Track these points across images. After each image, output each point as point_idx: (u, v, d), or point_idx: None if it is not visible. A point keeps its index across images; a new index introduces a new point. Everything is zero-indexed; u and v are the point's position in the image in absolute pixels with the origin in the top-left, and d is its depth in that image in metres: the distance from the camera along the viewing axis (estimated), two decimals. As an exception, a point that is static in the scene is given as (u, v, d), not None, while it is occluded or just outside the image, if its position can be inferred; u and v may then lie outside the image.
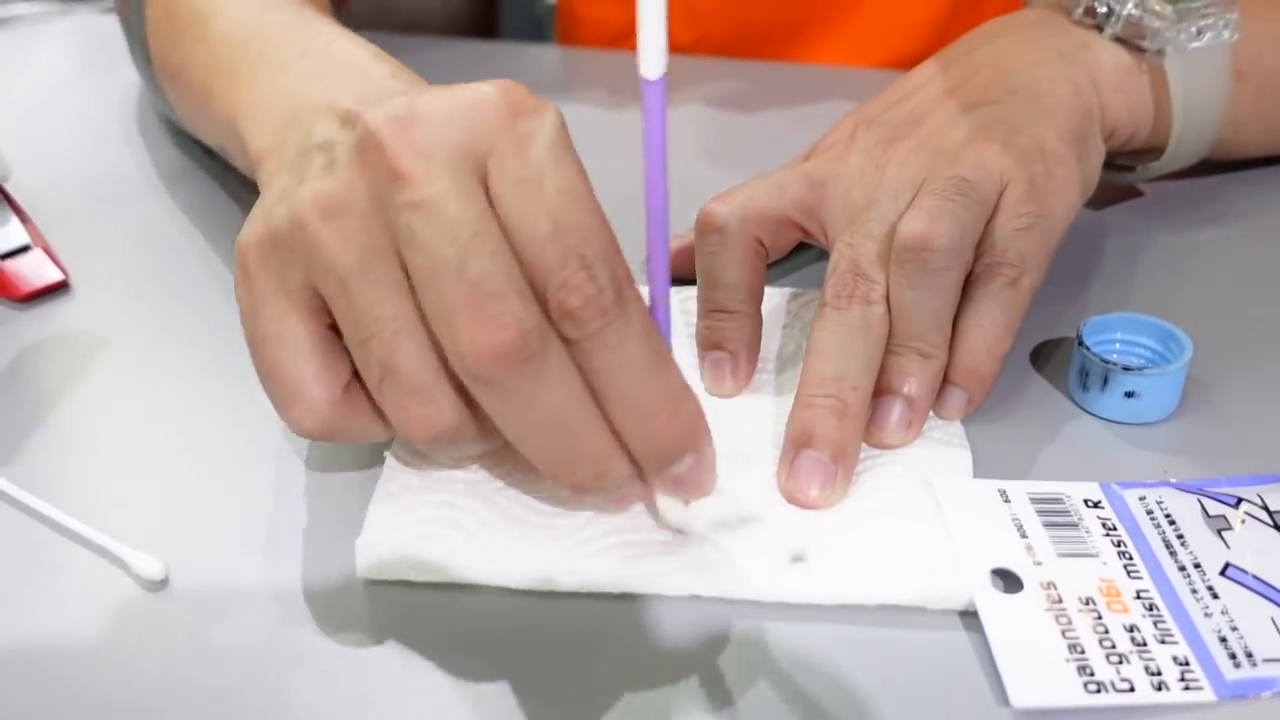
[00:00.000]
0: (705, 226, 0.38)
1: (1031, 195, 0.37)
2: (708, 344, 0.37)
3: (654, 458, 0.28)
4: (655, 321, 0.28)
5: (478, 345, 0.25)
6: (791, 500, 0.32)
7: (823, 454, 0.32)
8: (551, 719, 0.27)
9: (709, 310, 0.38)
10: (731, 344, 0.37)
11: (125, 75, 0.68)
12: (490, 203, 0.26)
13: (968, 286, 0.35)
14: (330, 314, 0.28)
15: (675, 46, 0.65)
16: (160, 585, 0.31)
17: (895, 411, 0.34)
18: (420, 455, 0.32)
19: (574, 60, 0.70)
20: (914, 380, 0.34)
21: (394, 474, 0.32)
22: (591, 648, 0.29)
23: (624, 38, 0.68)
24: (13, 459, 0.36)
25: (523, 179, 0.27)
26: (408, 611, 0.30)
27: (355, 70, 0.35)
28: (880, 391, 0.34)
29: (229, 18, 0.42)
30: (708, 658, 0.28)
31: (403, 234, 0.26)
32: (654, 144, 0.28)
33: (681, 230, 0.44)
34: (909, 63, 0.62)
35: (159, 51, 0.48)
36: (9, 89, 0.63)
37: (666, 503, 0.30)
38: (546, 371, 0.26)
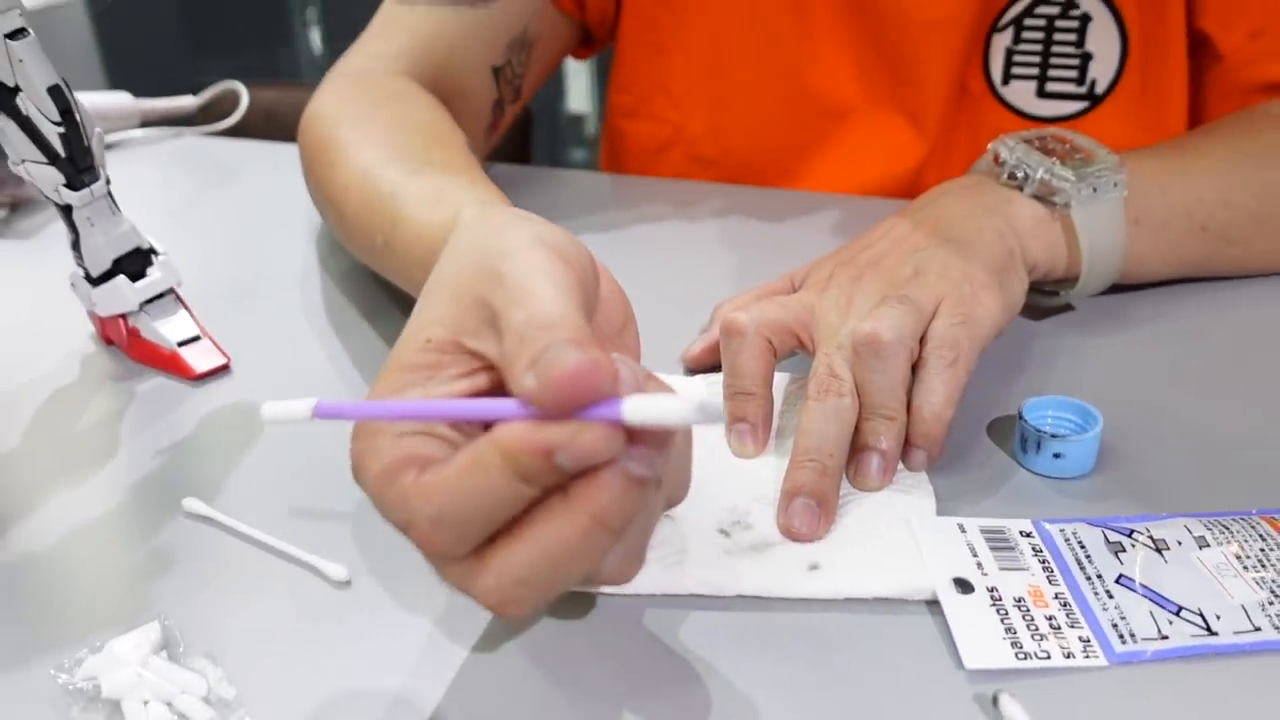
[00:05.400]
0: (729, 330, 0.49)
1: (960, 305, 0.48)
2: (732, 418, 0.48)
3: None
4: None
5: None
6: (787, 534, 0.43)
7: (809, 501, 0.43)
8: (622, 686, 0.38)
9: (733, 393, 0.49)
10: (751, 417, 0.48)
11: (240, 189, 0.80)
12: None
13: (919, 370, 0.46)
14: None
15: (703, 161, 0.79)
16: (345, 585, 0.42)
17: (874, 463, 0.45)
18: None
19: (597, 183, 0.81)
20: (884, 437, 0.45)
21: None
22: (662, 635, 0.40)
23: (662, 152, 0.80)
24: (217, 495, 0.47)
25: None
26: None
27: None
28: (860, 450, 0.45)
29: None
30: (751, 639, 0.39)
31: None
32: None
33: (704, 324, 0.57)
34: (895, 181, 0.75)
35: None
36: (141, 203, 0.76)
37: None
38: None
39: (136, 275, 0.56)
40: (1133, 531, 0.43)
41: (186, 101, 0.91)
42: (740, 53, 0.76)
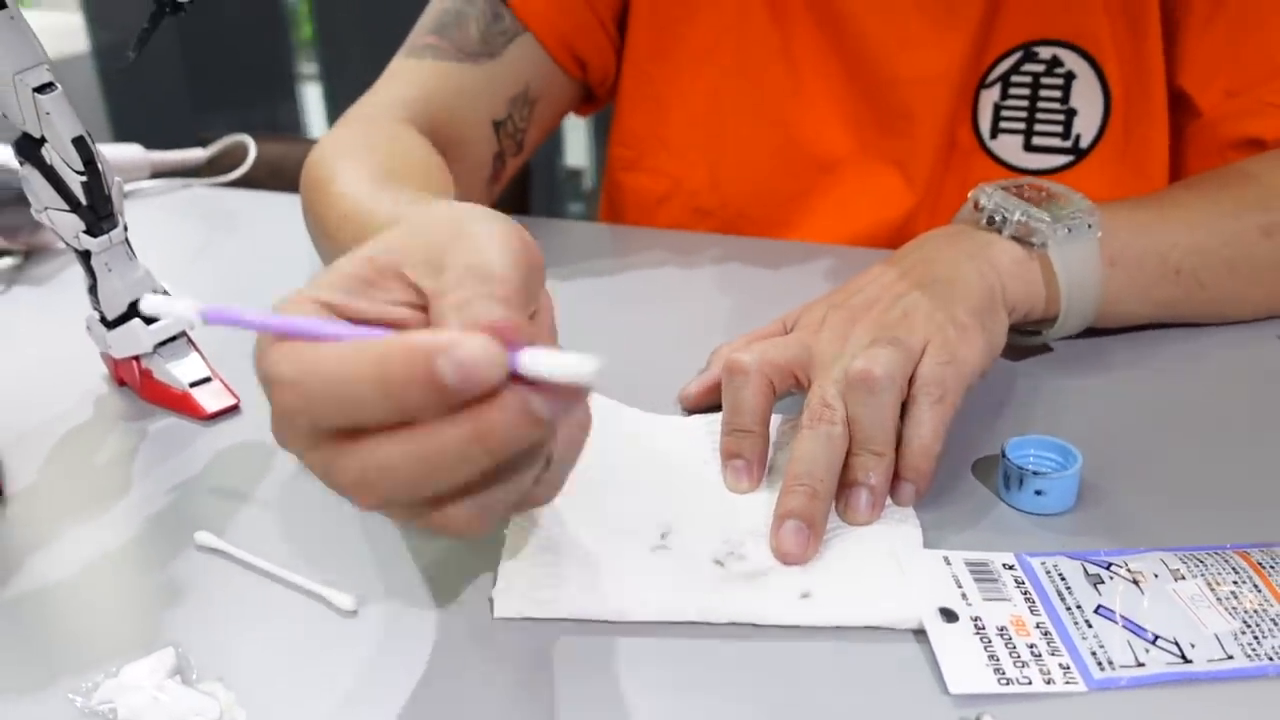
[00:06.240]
0: (733, 370, 0.51)
1: (946, 346, 0.50)
2: (729, 454, 0.50)
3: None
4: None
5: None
6: (778, 555, 0.44)
7: (799, 524, 0.45)
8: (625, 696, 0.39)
9: (732, 430, 0.50)
10: (748, 454, 0.50)
11: (247, 238, 0.82)
12: None
13: (908, 407, 0.48)
14: None
15: (702, 212, 0.82)
16: (352, 614, 0.43)
17: (863, 498, 0.47)
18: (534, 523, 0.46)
19: (595, 234, 0.84)
20: (872, 473, 0.47)
21: (516, 537, 0.45)
22: (657, 661, 0.41)
23: (662, 204, 0.83)
24: (227, 528, 0.48)
25: None
26: (529, 638, 0.42)
27: None
28: (849, 485, 0.47)
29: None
30: (744, 665, 0.41)
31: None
32: None
33: (700, 368, 0.58)
34: (887, 229, 0.77)
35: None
36: (153, 249, 0.78)
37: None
38: None
39: (150, 319, 0.58)
40: (1111, 564, 0.45)
41: (196, 154, 0.93)
42: (735, 107, 0.79)
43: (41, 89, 0.51)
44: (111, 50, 2.30)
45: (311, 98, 2.46)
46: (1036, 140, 0.75)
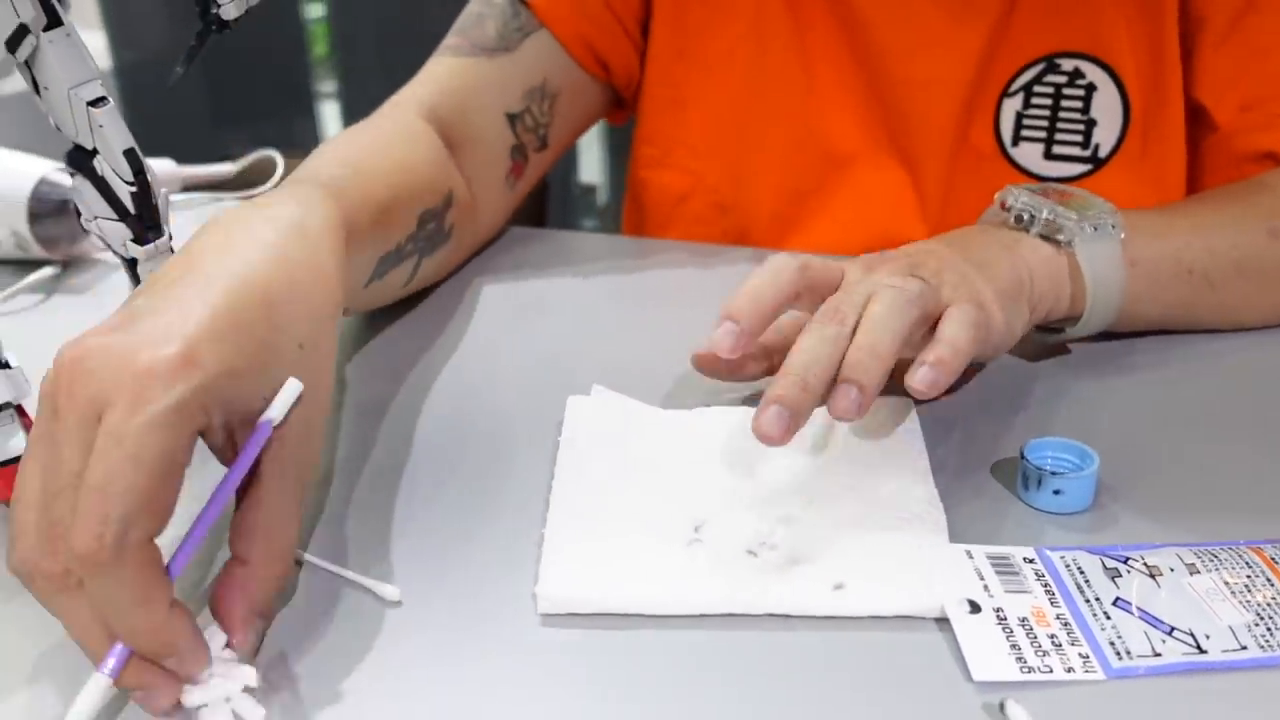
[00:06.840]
0: (774, 259, 0.52)
1: (973, 304, 0.52)
2: (726, 314, 0.50)
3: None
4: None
5: None
6: (758, 436, 0.46)
7: (783, 412, 0.46)
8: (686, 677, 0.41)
9: (745, 294, 0.50)
10: (745, 319, 0.50)
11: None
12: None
13: (942, 319, 0.50)
14: None
15: (722, 208, 0.84)
16: (397, 605, 0.45)
17: (851, 394, 0.46)
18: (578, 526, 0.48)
19: (612, 245, 0.85)
20: (865, 373, 0.47)
21: (556, 534, 0.47)
22: (694, 652, 0.43)
23: (684, 201, 0.84)
24: (273, 526, 0.50)
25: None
26: (572, 631, 0.44)
27: None
28: (840, 380, 0.47)
29: None
30: (777, 654, 0.42)
31: None
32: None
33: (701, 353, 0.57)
34: (902, 229, 0.78)
35: None
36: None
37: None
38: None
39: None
40: (1128, 559, 0.46)
41: (226, 168, 0.95)
42: (754, 106, 0.81)
43: (95, 103, 0.53)
44: (134, 68, 2.33)
45: (328, 114, 2.49)
46: (1057, 149, 0.77)
